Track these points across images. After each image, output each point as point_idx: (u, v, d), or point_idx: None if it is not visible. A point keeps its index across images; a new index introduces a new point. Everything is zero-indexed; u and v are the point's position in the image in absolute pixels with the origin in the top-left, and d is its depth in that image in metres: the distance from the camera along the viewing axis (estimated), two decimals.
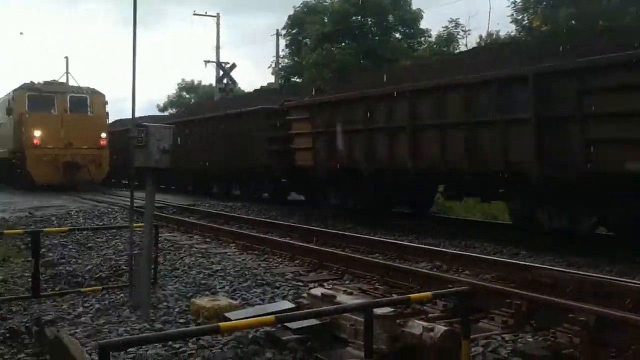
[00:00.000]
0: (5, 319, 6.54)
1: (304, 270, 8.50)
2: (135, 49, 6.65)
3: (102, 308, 6.70)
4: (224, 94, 34.73)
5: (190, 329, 4.02)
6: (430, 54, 31.83)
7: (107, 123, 26.04)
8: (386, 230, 12.53)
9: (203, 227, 12.49)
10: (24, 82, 25.26)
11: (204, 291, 7.20)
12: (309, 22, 39.22)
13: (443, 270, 8.15)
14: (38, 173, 23.02)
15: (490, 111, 10.26)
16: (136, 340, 3.02)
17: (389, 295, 5.32)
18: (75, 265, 9.18)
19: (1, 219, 14.01)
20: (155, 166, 5.94)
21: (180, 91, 65.41)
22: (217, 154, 20.28)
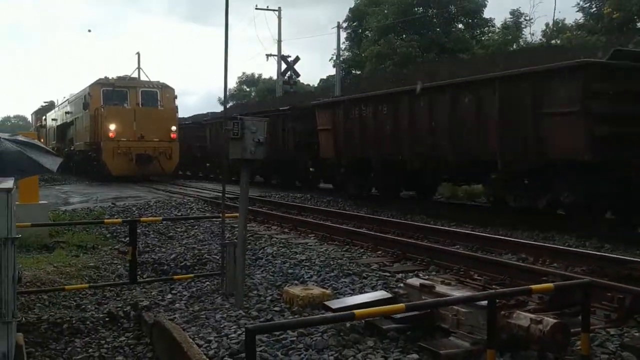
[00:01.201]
0: (102, 304, 6.83)
1: (388, 261, 8.51)
2: (227, 50, 6.79)
3: (194, 295, 6.90)
4: (288, 87, 34.92)
5: (327, 315, 4.12)
6: (497, 44, 31.21)
7: (177, 116, 26.67)
8: (457, 222, 12.39)
9: (281, 218, 12.64)
10: (98, 78, 26.16)
11: (292, 280, 7.32)
12: (370, 14, 39.03)
13: (529, 262, 8.00)
14: (113, 165, 23.82)
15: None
16: (279, 325, 3.11)
17: (489, 286, 5.25)
18: (160, 254, 9.47)
19: (87, 209, 14.61)
20: (251, 158, 6.05)
21: (240, 85, 66.31)
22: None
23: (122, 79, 26.65)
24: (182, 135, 27.24)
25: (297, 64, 36.04)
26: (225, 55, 6.84)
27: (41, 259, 8.61)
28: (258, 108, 24.44)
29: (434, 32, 36.68)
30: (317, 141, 18.08)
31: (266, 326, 2.96)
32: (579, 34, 26.82)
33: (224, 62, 6.80)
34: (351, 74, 43.37)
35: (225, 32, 6.77)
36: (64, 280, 7.54)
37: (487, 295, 3.22)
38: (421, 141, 13.69)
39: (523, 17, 32.77)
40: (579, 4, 29.54)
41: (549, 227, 11.01)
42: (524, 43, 31.41)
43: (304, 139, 19.79)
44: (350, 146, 16.24)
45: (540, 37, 31.56)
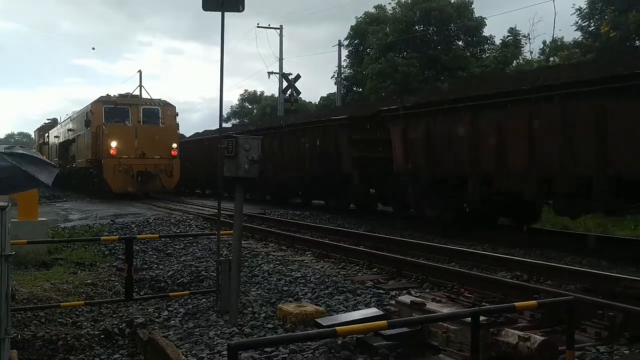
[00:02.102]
0: (97, 321, 6.87)
1: (383, 278, 8.54)
2: (222, 71, 6.90)
3: (189, 312, 6.94)
4: (289, 105, 35.13)
5: (311, 332, 4.13)
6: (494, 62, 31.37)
7: (178, 133, 26.81)
8: (456, 240, 12.43)
9: (278, 235, 12.69)
10: (100, 96, 26.38)
11: (287, 297, 7.35)
12: (371, 32, 39.34)
13: (524, 280, 8.04)
14: (114, 182, 23.92)
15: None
16: (265, 341, 3.16)
17: (479, 303, 5.29)
18: (157, 271, 9.51)
19: (86, 226, 14.66)
20: (244, 176, 6.12)
21: (243, 102, 66.64)
22: (297, 163, 20.22)
23: (123, 96, 26.86)
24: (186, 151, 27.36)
25: (298, 81, 36.35)
26: (221, 78, 6.94)
27: (39, 276, 8.65)
28: (306, 118, 22.09)
29: (434, 50, 36.92)
30: (380, 156, 15.88)
31: (248, 342, 3.02)
32: (575, 52, 26.98)
33: (220, 83, 6.90)
34: (352, 91, 43.61)
35: (221, 60, 6.89)
36: (61, 297, 7.58)
37: (471, 312, 3.26)
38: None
39: (522, 35, 32.97)
40: (577, 22, 29.81)
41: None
42: (522, 61, 31.57)
43: (364, 154, 16.94)
44: (433, 161, 13.60)
45: (537, 55, 31.76)
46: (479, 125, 12.39)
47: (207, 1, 6.65)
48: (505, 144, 11.78)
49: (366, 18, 42.61)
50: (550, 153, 10.95)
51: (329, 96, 49.15)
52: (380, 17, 41.69)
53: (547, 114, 10.96)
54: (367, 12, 43.16)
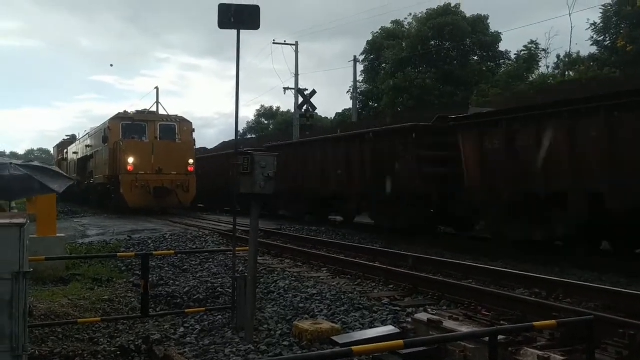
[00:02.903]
0: (114, 337, 6.88)
1: (399, 295, 8.49)
2: (238, 88, 6.94)
3: (205, 329, 6.94)
4: (305, 120, 35.22)
5: (326, 352, 4.11)
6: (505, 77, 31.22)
7: (194, 149, 26.97)
8: (473, 255, 12.33)
9: (294, 251, 12.67)
10: (118, 112, 26.65)
11: (302, 314, 7.33)
12: (387, 47, 39.44)
13: (542, 297, 7.93)
14: (131, 197, 24.07)
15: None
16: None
17: (497, 322, 5.22)
18: (174, 287, 9.53)
19: (103, 242, 14.76)
20: (260, 192, 6.13)
21: (259, 117, 66.97)
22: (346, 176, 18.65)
23: (140, 113, 27.11)
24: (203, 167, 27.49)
25: (314, 97, 36.44)
26: (237, 94, 6.98)
27: (56, 292, 8.70)
28: (357, 127, 21.18)
29: (450, 65, 36.91)
30: (452, 171, 14.42)
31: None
32: (592, 66, 26.82)
33: (235, 99, 6.94)
34: (368, 106, 43.66)
35: (237, 77, 6.93)
36: (78, 313, 7.61)
37: (489, 332, 3.22)
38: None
39: (540, 49, 32.77)
40: (593, 37, 29.66)
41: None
42: (537, 76, 31.38)
43: (433, 168, 15.19)
44: (519, 175, 12.13)
45: (552, 70, 31.57)
46: (589, 132, 10.76)
47: (223, 20, 6.70)
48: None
49: (382, 33, 42.76)
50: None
51: (344, 112, 49.25)
52: (397, 32, 41.81)
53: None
54: (383, 27, 43.34)
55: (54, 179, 6.91)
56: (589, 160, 10.80)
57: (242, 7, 6.73)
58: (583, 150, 10.88)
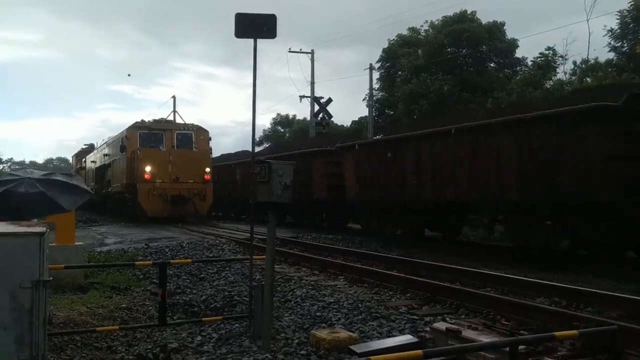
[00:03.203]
0: (132, 345, 6.90)
1: (417, 304, 8.44)
2: (255, 97, 6.97)
3: (222, 337, 6.94)
4: (320, 128, 35.29)
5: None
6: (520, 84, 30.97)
7: (211, 158, 27.10)
8: (491, 264, 12.23)
9: (311, 260, 12.65)
10: (135, 121, 26.88)
11: (320, 323, 7.30)
12: (402, 55, 39.42)
13: (562, 306, 7.84)
14: (149, 206, 24.22)
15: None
16: None
17: (517, 331, 5.17)
18: (191, 296, 9.54)
19: (121, 250, 14.85)
20: (277, 201, 6.13)
21: (275, 125, 67.15)
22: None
23: (158, 121, 27.32)
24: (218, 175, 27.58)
25: (329, 105, 36.52)
26: (254, 103, 7.01)
27: (75, 300, 8.76)
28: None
29: (467, 73, 36.79)
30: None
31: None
32: (610, 72, 26.55)
33: (252, 108, 6.97)
34: (384, 114, 43.60)
35: (254, 86, 6.96)
36: (97, 321, 7.65)
37: (509, 342, 3.18)
38: None
39: (556, 56, 32.51)
40: (610, 43, 29.38)
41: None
42: (553, 82, 31.12)
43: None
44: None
45: (569, 76, 31.29)
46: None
47: (239, 29, 6.74)
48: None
49: (399, 40, 42.75)
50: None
51: (360, 120, 49.22)
52: (413, 39, 41.77)
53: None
54: (400, 34, 43.33)
55: (69, 194, 6.95)
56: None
57: (259, 16, 6.76)
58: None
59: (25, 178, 6.90)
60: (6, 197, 6.50)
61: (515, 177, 12.48)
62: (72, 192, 7.04)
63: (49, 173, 7.48)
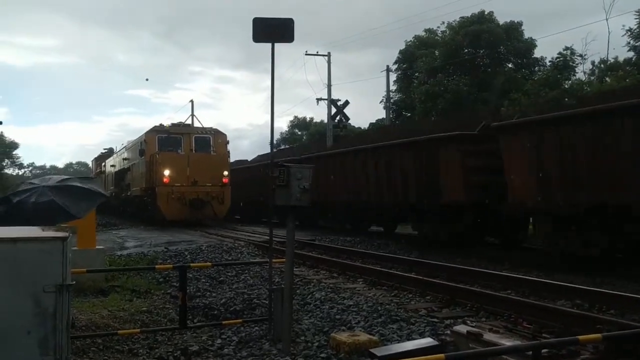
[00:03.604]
0: (153, 348, 6.95)
1: (437, 306, 8.40)
2: (273, 100, 7.00)
3: (242, 340, 6.96)
4: (338, 131, 35.28)
5: None
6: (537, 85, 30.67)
7: (229, 161, 27.21)
8: (511, 266, 12.13)
9: (329, 262, 12.64)
10: (154, 125, 27.09)
11: (339, 326, 7.29)
12: (419, 56, 39.31)
13: (585, 309, 7.76)
14: (168, 209, 24.39)
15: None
16: None
17: (538, 334, 5.12)
18: (210, 299, 9.59)
19: (141, 253, 14.96)
20: (296, 204, 6.14)
21: (293, 128, 67.31)
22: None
23: (176, 125, 27.52)
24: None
25: (347, 107, 36.51)
26: (272, 107, 7.04)
27: (97, 303, 8.84)
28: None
29: (484, 73, 36.58)
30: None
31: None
32: (630, 71, 26.22)
33: (271, 113, 7.00)
34: (402, 116, 43.50)
35: (272, 91, 6.98)
36: (118, 324, 7.72)
37: (532, 346, 3.16)
38: None
39: (574, 56, 32.15)
40: (630, 42, 29.04)
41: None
42: (573, 82, 30.81)
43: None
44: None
45: (588, 76, 30.96)
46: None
47: (257, 33, 6.76)
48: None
49: (416, 41, 42.65)
50: None
51: (377, 122, 49.14)
52: (430, 40, 41.63)
53: None
54: (416, 36, 43.22)
55: (81, 200, 7.04)
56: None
57: (277, 20, 6.78)
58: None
59: (40, 187, 7.04)
60: (20, 208, 6.67)
61: (412, 184, 16.72)
62: (85, 198, 7.13)
63: (66, 178, 7.58)
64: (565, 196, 11.48)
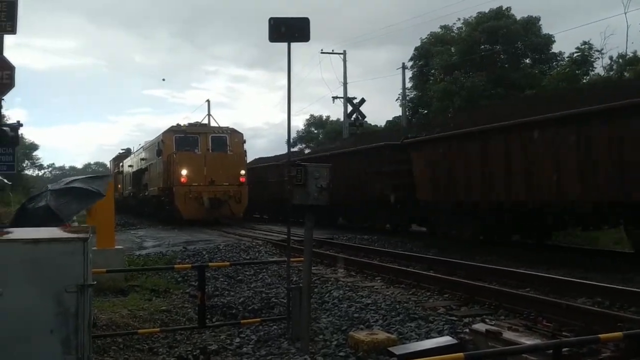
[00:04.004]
0: (172, 347, 7.01)
1: (455, 305, 8.36)
2: (289, 99, 7.01)
3: (261, 339, 6.99)
4: (354, 129, 35.24)
5: None
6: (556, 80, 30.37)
7: (246, 160, 27.28)
8: (530, 262, 12.03)
9: (347, 261, 12.64)
10: (171, 125, 27.24)
11: (358, 324, 7.30)
12: (435, 53, 39.13)
13: (605, 307, 7.68)
14: (185, 209, 24.52)
15: None
16: None
17: (559, 333, 5.08)
18: (229, 298, 9.63)
19: (160, 253, 15.07)
20: (313, 203, 6.15)
21: (309, 127, 67.30)
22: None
23: (193, 125, 27.64)
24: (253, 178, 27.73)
25: (362, 105, 36.45)
26: (288, 107, 7.05)
27: (116, 303, 8.92)
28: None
29: (501, 69, 36.32)
30: None
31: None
32: None
33: (287, 112, 7.01)
34: (418, 113, 43.35)
35: (288, 91, 7.00)
36: (137, 323, 7.78)
37: (553, 345, 3.14)
38: None
39: (594, 50, 31.75)
40: None
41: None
42: (594, 76, 30.46)
43: None
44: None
45: (606, 71, 30.52)
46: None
47: (273, 33, 6.77)
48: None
49: (431, 38, 42.47)
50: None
51: (394, 120, 48.99)
52: (446, 37, 41.43)
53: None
54: (432, 32, 43.04)
55: (73, 202, 7.18)
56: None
57: (292, 20, 6.79)
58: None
59: (46, 192, 7.23)
60: (25, 215, 6.90)
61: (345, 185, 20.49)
62: (79, 199, 7.27)
63: (72, 180, 7.71)
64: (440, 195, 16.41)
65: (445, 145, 15.89)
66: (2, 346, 4.23)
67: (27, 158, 73.19)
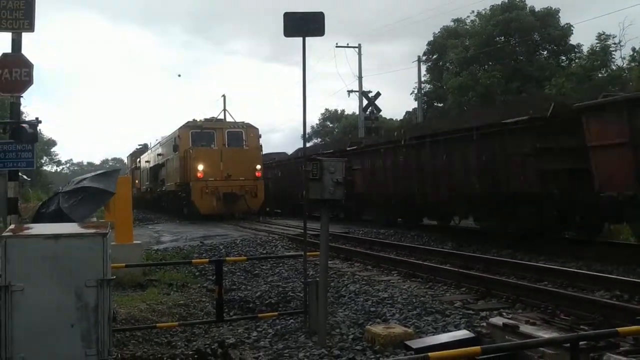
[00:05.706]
0: (191, 340, 7.08)
1: (472, 298, 8.35)
2: (304, 94, 7.02)
3: (278, 333, 7.04)
4: (370, 122, 35.15)
5: (402, 358, 4.11)
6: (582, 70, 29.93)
7: (262, 155, 27.34)
8: (547, 256, 11.96)
9: (363, 255, 12.65)
10: (187, 121, 27.35)
11: (374, 318, 7.31)
12: (449, 47, 38.87)
13: (624, 300, 7.62)
14: (202, 204, 24.65)
15: None
16: None
17: (576, 326, 5.06)
18: (246, 292, 9.70)
19: (177, 248, 15.18)
20: (329, 198, 6.16)
21: (324, 121, 67.23)
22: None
23: (209, 120, 27.72)
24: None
25: (378, 99, 36.33)
26: (304, 101, 7.06)
27: (135, 297, 9.01)
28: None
29: (517, 62, 35.97)
30: None
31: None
32: None
33: (303, 107, 7.02)
34: (433, 107, 43.12)
35: (303, 85, 7.01)
36: (156, 317, 7.87)
37: (570, 338, 3.13)
38: None
39: (612, 41, 31.26)
40: None
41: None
42: (615, 67, 30.02)
43: None
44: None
45: (627, 62, 30.04)
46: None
47: (288, 28, 6.79)
48: None
49: (444, 32, 42.20)
50: None
51: (408, 113, 48.75)
52: (459, 30, 41.13)
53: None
54: (444, 27, 42.75)
55: (79, 206, 7.28)
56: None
57: (307, 14, 6.80)
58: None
59: (59, 194, 7.36)
60: (41, 221, 7.02)
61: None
62: (91, 201, 7.36)
63: (82, 179, 7.80)
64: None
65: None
66: (24, 340, 4.31)
67: (46, 154, 73.92)
